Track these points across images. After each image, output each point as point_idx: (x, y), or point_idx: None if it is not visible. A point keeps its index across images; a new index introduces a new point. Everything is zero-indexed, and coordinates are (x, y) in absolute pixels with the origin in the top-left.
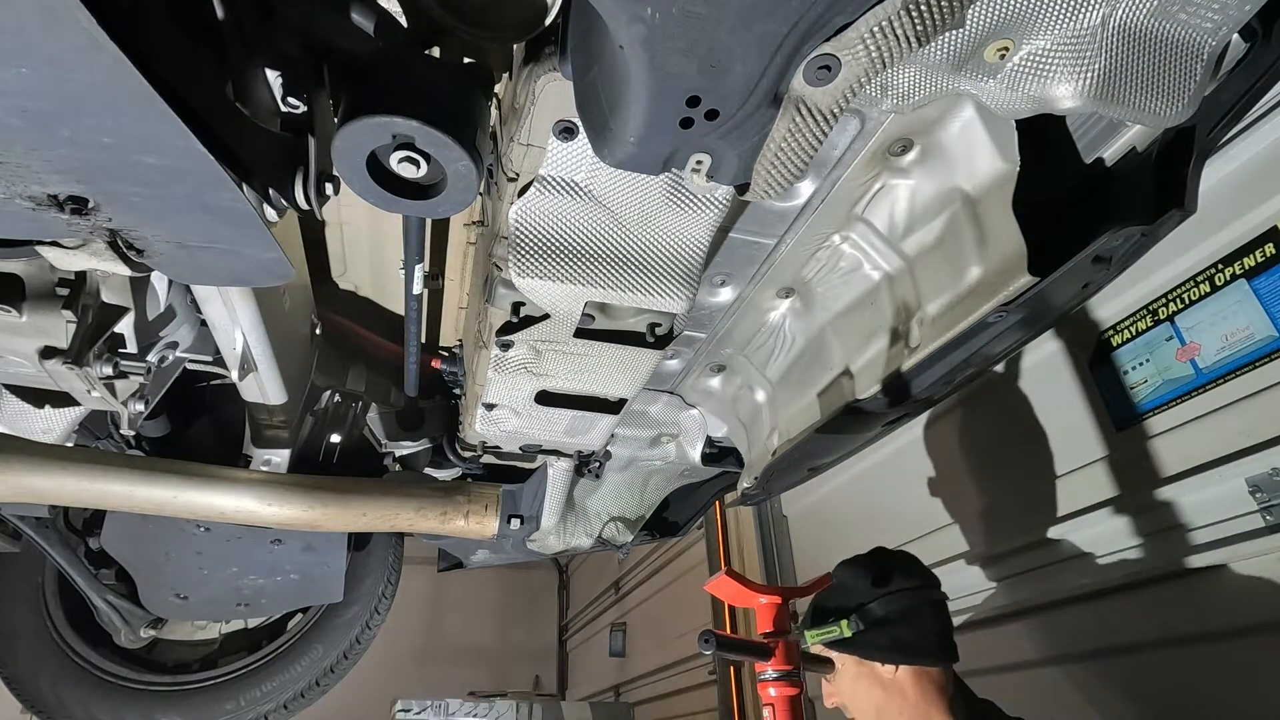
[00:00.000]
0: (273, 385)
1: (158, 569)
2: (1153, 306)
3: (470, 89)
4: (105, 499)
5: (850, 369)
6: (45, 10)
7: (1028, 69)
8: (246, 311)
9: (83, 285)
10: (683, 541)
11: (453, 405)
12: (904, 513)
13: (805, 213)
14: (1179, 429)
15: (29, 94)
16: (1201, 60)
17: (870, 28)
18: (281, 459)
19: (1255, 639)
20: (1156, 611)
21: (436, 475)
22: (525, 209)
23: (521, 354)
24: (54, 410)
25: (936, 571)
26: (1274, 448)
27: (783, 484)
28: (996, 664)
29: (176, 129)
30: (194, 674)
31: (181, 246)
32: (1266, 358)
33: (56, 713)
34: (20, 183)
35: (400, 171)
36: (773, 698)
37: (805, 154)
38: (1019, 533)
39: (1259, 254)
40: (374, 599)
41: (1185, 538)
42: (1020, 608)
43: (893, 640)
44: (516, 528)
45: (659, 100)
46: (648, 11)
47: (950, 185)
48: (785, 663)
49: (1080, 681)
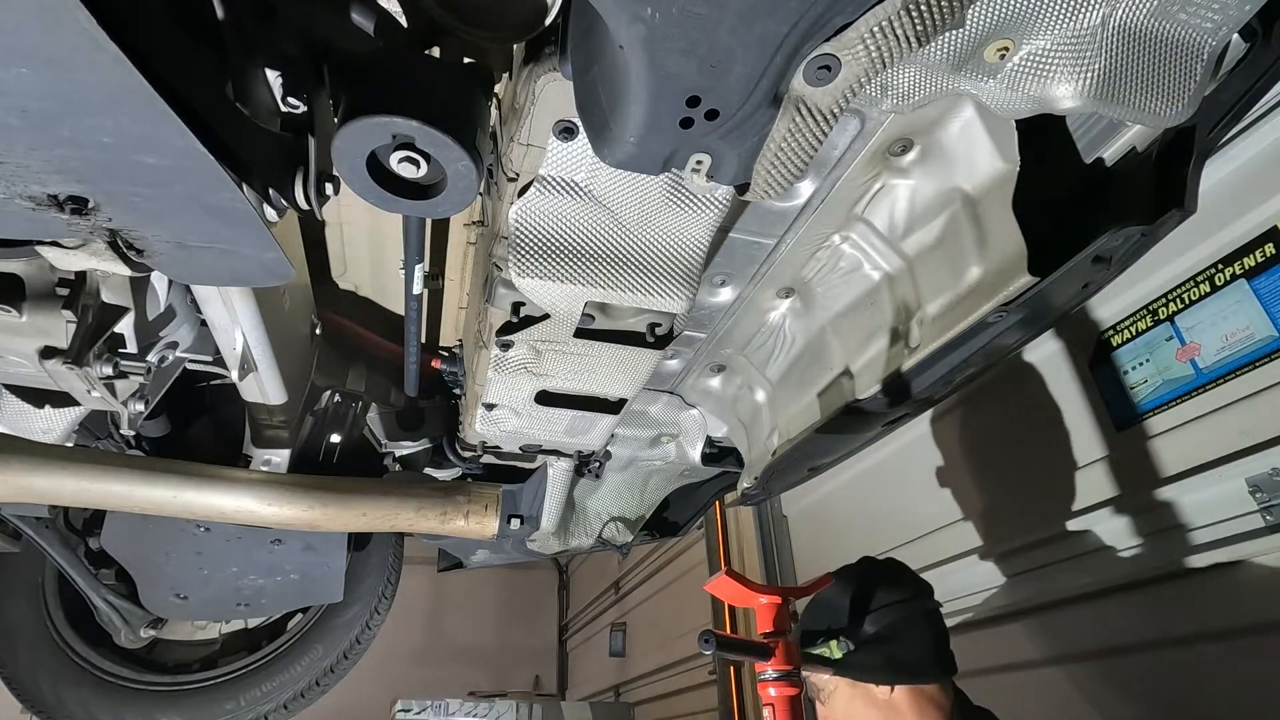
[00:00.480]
0: (273, 385)
1: (158, 569)
2: (1153, 306)
3: (470, 89)
4: (105, 499)
5: (850, 369)
6: (45, 10)
7: (1028, 69)
8: (246, 311)
9: (83, 285)
10: (683, 541)
11: (453, 405)
12: (904, 513)
13: (805, 213)
14: (1179, 429)
15: (29, 94)
16: (1201, 60)
17: (870, 28)
18: (281, 459)
19: (1256, 639)
20: (1157, 611)
21: (436, 475)
22: (525, 209)
23: (521, 354)
24: (54, 410)
25: (937, 571)
26: (1274, 448)
27: (783, 484)
28: (997, 664)
29: (176, 129)
30: (194, 674)
31: (181, 246)
32: (1266, 358)
33: (56, 712)
34: (20, 183)
35: (400, 171)
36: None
37: (805, 154)
38: (1018, 533)
39: (1259, 254)
40: (374, 599)
41: (1185, 538)
42: (1020, 608)
43: (886, 659)
44: (516, 528)
45: (659, 100)
46: (648, 11)
47: (950, 185)
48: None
49: (1080, 681)
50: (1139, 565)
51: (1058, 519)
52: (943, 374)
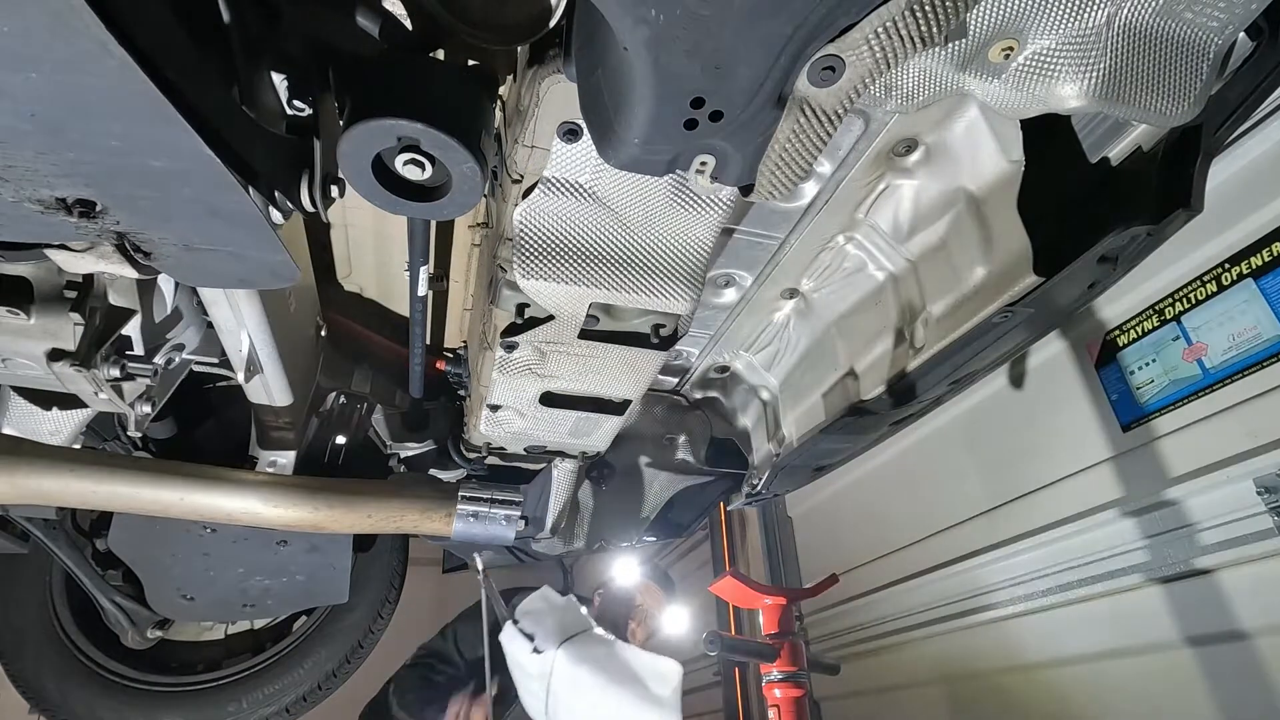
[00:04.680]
0: (278, 387)
1: (165, 570)
2: (1159, 306)
3: (475, 91)
4: (112, 501)
5: (855, 370)
6: (54, 15)
7: (1032, 69)
8: (252, 314)
9: (90, 288)
10: (687, 542)
11: (457, 407)
12: (909, 514)
13: (809, 213)
14: (1186, 429)
15: (38, 99)
16: (1207, 59)
17: (875, 28)
18: (287, 460)
19: (1264, 640)
20: (1164, 612)
21: (441, 476)
22: (529, 211)
23: (526, 355)
24: (61, 412)
25: (944, 572)
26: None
27: (787, 484)
28: (1004, 665)
29: (184, 132)
30: (198, 675)
31: (188, 249)
32: (1274, 357)
33: (61, 711)
34: (29, 186)
35: (405, 174)
36: (778, 699)
37: (810, 155)
38: (1024, 534)
39: (1266, 253)
40: (379, 601)
41: (1192, 539)
42: (1026, 609)
43: None
44: (521, 529)
45: (663, 102)
46: (652, 13)
47: (955, 185)
48: (791, 664)
49: (1087, 683)
50: (1146, 566)
51: (1064, 520)
52: (948, 374)
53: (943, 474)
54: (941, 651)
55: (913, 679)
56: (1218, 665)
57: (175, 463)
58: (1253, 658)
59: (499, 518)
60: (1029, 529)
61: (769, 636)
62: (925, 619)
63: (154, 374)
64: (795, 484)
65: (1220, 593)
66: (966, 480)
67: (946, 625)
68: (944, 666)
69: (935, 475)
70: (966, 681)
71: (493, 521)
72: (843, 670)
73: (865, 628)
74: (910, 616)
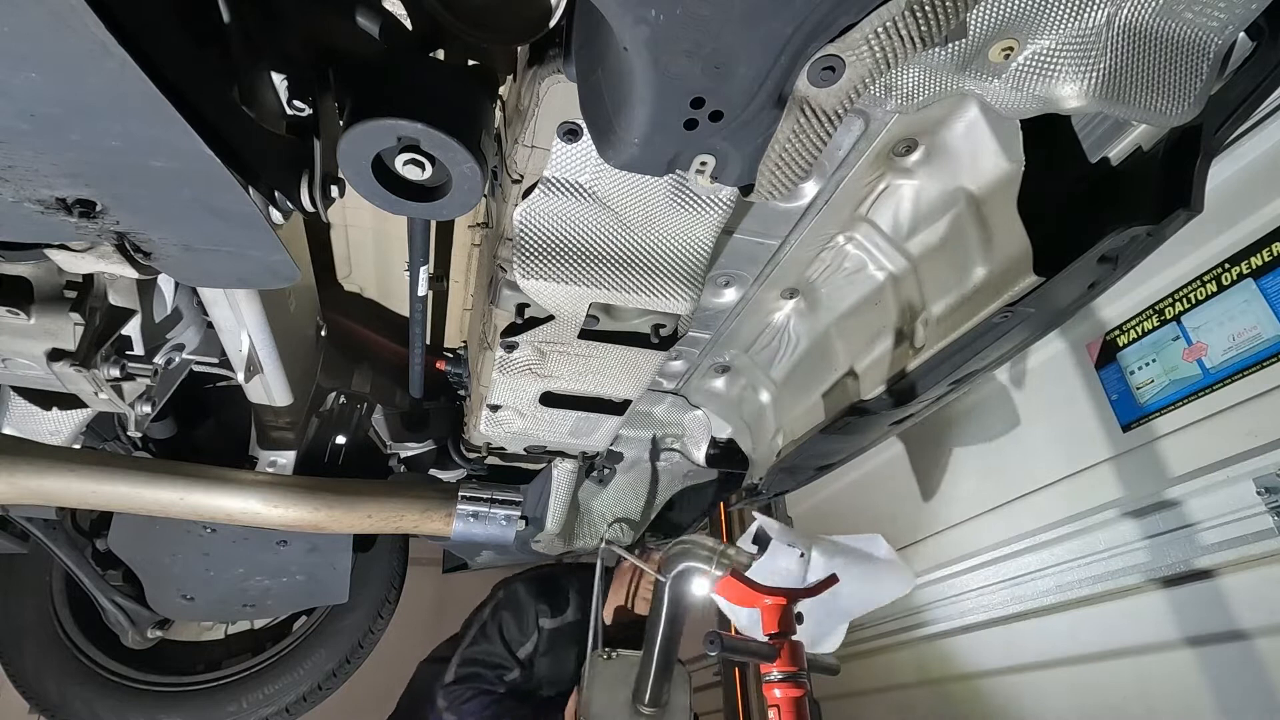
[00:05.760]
0: (278, 387)
1: (165, 570)
2: (1159, 306)
3: (475, 91)
4: (112, 501)
5: (855, 370)
6: (54, 15)
7: (1032, 69)
8: (252, 314)
9: (90, 288)
10: None
11: (457, 407)
12: (909, 513)
13: (809, 213)
14: (1186, 429)
15: (38, 98)
16: (1207, 59)
17: (875, 28)
18: (287, 460)
19: (1264, 640)
20: (1164, 612)
21: (441, 476)
22: (529, 211)
23: (526, 355)
24: (61, 412)
25: (945, 572)
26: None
27: (788, 484)
28: (1009, 664)
29: (184, 132)
30: (197, 675)
31: (188, 249)
32: (1274, 357)
33: (60, 710)
34: (29, 186)
35: (405, 174)
36: (778, 699)
37: (810, 155)
38: (1025, 534)
39: (1266, 253)
40: (379, 601)
41: (1192, 539)
42: (1027, 609)
43: None
44: (521, 529)
45: (663, 102)
46: (651, 13)
47: (955, 185)
48: (791, 664)
49: (1088, 683)
50: (1146, 566)
51: (1064, 520)
52: (948, 374)
53: (943, 474)
54: (942, 651)
55: (913, 679)
56: (1218, 665)
57: (175, 463)
58: (1253, 658)
59: (499, 518)
60: (1029, 529)
61: (769, 636)
62: (925, 619)
63: (154, 374)
64: (795, 483)
65: (1220, 593)
66: (967, 480)
67: (947, 625)
68: (944, 666)
69: (935, 475)
70: (966, 681)
71: (493, 521)
72: (843, 670)
73: (865, 627)
74: (911, 616)
